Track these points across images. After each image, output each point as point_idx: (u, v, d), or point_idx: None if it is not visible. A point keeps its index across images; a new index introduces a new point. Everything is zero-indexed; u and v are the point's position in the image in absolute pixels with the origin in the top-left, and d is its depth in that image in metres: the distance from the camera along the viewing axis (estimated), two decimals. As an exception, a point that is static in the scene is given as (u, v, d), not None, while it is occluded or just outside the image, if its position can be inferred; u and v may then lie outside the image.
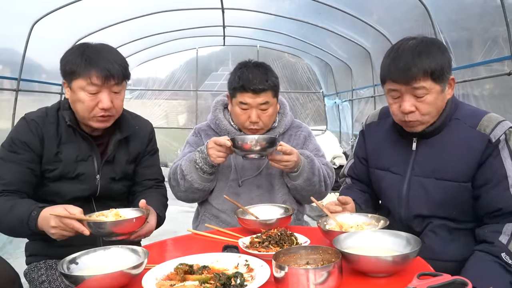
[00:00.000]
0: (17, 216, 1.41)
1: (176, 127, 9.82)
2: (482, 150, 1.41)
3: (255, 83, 1.79)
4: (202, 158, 1.79)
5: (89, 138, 1.63)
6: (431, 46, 1.41)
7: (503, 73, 3.38)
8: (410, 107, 1.42)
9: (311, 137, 2.06)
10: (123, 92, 1.62)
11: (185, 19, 6.66)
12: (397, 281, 1.10)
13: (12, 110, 4.58)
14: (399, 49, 1.43)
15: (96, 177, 1.65)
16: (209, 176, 1.84)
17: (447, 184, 1.46)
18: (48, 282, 1.58)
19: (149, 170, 1.83)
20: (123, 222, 1.36)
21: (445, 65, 1.40)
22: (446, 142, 1.48)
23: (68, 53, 1.56)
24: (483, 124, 1.43)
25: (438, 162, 1.48)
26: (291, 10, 6.57)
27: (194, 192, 1.88)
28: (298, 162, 1.78)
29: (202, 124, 2.08)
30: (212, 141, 1.76)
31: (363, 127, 1.79)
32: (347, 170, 1.86)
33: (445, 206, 1.48)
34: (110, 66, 1.51)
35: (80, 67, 1.50)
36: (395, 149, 1.60)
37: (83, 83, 1.51)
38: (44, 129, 1.59)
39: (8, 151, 1.56)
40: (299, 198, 1.95)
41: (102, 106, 1.53)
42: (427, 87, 1.39)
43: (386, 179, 1.61)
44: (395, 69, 1.40)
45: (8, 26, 4.42)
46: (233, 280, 1.06)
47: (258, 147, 1.68)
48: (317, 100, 9.60)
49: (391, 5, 5.16)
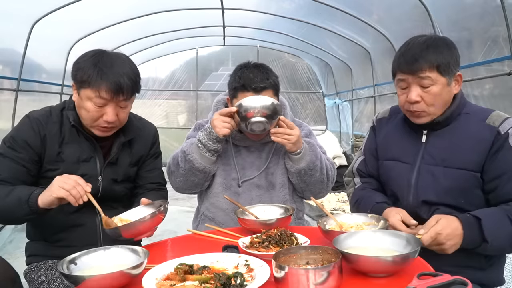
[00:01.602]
0: (17, 196, 1.42)
1: (176, 127, 9.82)
2: (491, 141, 1.47)
3: (256, 82, 1.79)
4: (206, 134, 1.79)
5: (92, 139, 1.63)
6: (439, 42, 1.50)
7: (503, 73, 3.38)
8: (416, 97, 1.49)
9: (312, 136, 2.06)
10: (130, 105, 1.62)
11: (185, 19, 6.67)
12: (397, 281, 1.10)
13: (12, 110, 4.59)
14: (409, 44, 1.52)
15: (98, 178, 1.65)
16: (211, 156, 1.82)
17: (456, 172, 1.50)
18: (47, 283, 1.58)
19: (151, 173, 1.83)
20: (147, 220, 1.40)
21: (451, 60, 1.47)
22: (456, 134, 1.54)
23: (82, 60, 1.53)
24: (492, 118, 1.50)
25: (448, 152, 1.53)
26: (291, 10, 6.58)
27: (194, 175, 1.84)
28: (300, 142, 1.79)
29: (203, 120, 2.08)
30: (216, 113, 1.77)
31: (374, 122, 1.82)
32: (357, 166, 1.83)
33: (453, 194, 1.51)
34: (121, 81, 1.49)
35: (91, 78, 1.48)
36: (405, 141, 1.65)
37: (91, 94, 1.50)
38: (47, 128, 1.59)
39: (8, 148, 1.56)
40: (303, 187, 1.92)
41: (107, 119, 1.53)
42: (433, 78, 1.46)
43: (396, 168, 1.65)
44: (404, 60, 1.50)
45: (8, 26, 4.42)
46: (233, 280, 1.06)
47: (262, 112, 1.70)
48: (317, 100, 9.60)
49: (391, 5, 5.17)
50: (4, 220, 1.64)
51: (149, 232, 1.48)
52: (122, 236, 1.40)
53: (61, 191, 1.36)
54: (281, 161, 1.92)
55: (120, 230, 1.38)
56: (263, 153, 1.94)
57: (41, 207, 1.40)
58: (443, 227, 1.32)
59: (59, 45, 5.77)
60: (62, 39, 5.66)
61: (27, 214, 1.43)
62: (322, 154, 1.93)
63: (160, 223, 1.48)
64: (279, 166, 1.92)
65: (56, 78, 5.99)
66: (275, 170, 1.93)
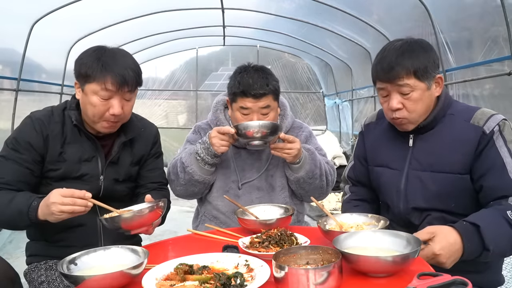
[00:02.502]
0: (17, 208, 1.41)
1: (176, 127, 9.82)
2: (476, 141, 1.44)
3: (256, 88, 1.77)
4: (204, 148, 1.78)
5: (94, 139, 1.63)
6: (414, 46, 1.47)
7: (503, 73, 3.38)
8: (397, 104, 1.48)
9: (312, 137, 2.05)
10: (134, 98, 1.63)
11: (185, 19, 6.67)
12: (397, 281, 1.10)
13: (12, 110, 4.59)
14: (385, 51, 1.50)
15: (99, 178, 1.65)
16: (210, 168, 1.83)
17: (444, 176, 1.49)
18: (47, 283, 1.58)
19: (153, 173, 1.83)
20: (145, 212, 1.38)
21: (429, 63, 1.45)
22: (441, 136, 1.52)
23: (84, 55, 1.55)
24: (477, 117, 1.48)
25: (434, 156, 1.52)
26: (291, 10, 6.58)
27: (193, 185, 1.86)
28: (300, 152, 1.79)
29: (202, 122, 2.08)
30: (215, 130, 1.75)
31: (362, 128, 1.82)
32: (348, 172, 1.87)
33: (442, 198, 1.50)
34: (125, 73, 1.51)
35: (96, 72, 1.49)
36: (393, 146, 1.64)
37: (96, 88, 1.51)
38: (49, 128, 1.59)
39: (11, 149, 1.56)
40: (302, 193, 1.93)
41: (113, 112, 1.53)
42: (411, 84, 1.45)
43: (385, 175, 1.64)
44: (381, 68, 1.49)
45: (8, 26, 4.42)
46: (233, 280, 1.05)
47: (260, 133, 1.69)
48: (317, 100, 9.60)
49: (391, 5, 5.17)
50: (8, 228, 1.65)
51: (148, 228, 1.46)
52: (121, 227, 1.37)
53: (63, 215, 1.33)
54: (280, 164, 1.92)
55: (120, 220, 1.35)
56: (263, 155, 1.94)
57: (42, 219, 1.39)
58: (442, 246, 1.24)
59: (59, 45, 5.77)
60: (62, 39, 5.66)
61: (28, 225, 1.44)
62: (321, 160, 1.92)
63: (158, 218, 1.46)
64: (279, 169, 1.92)
65: (56, 78, 5.99)
66: (275, 173, 1.93)
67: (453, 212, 1.50)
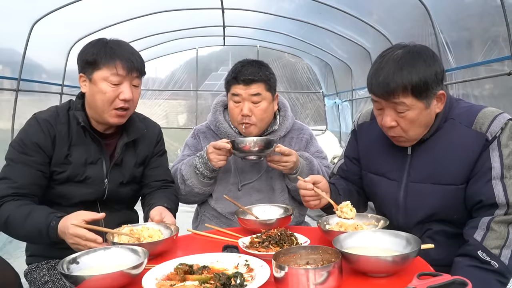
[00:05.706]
0: (35, 225, 1.40)
1: (176, 127, 9.82)
2: (478, 151, 1.35)
3: (246, 74, 1.81)
4: (202, 163, 1.80)
5: (99, 140, 1.62)
6: (416, 58, 1.32)
7: (503, 73, 3.38)
8: (390, 122, 1.37)
9: (313, 140, 2.05)
10: (140, 87, 1.65)
11: (185, 19, 6.66)
12: (397, 281, 1.10)
13: (12, 110, 4.58)
14: (383, 60, 1.35)
15: (104, 181, 1.64)
16: (209, 180, 1.86)
17: (445, 189, 1.41)
18: (52, 282, 1.57)
19: (157, 171, 1.83)
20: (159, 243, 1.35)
21: (430, 79, 1.31)
22: (442, 145, 1.42)
23: (89, 46, 1.58)
24: (479, 122, 1.37)
25: (434, 166, 1.43)
26: (291, 10, 6.57)
27: (194, 196, 1.91)
28: (297, 163, 1.78)
29: (201, 125, 2.08)
30: (211, 146, 1.77)
31: (355, 127, 1.73)
32: (337, 169, 1.79)
33: (445, 211, 1.43)
34: (133, 58, 1.56)
35: (105, 58, 1.52)
36: (390, 153, 1.54)
37: (106, 73, 1.52)
38: (57, 129, 1.58)
39: (19, 152, 1.53)
40: (300, 200, 1.94)
41: (124, 97, 1.54)
42: (407, 104, 1.32)
43: (382, 185, 1.56)
44: (376, 82, 1.35)
45: (8, 26, 4.41)
46: (233, 280, 1.06)
47: (256, 148, 1.71)
48: (317, 100, 9.59)
49: (391, 5, 5.16)
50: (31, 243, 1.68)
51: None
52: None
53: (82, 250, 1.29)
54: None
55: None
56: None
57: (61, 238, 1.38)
58: None
59: (59, 45, 5.76)
60: (62, 39, 5.65)
61: (48, 243, 1.46)
62: (320, 167, 1.91)
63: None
64: (279, 171, 1.92)
65: (56, 78, 5.98)
66: (275, 174, 1.93)
67: (456, 223, 1.44)
